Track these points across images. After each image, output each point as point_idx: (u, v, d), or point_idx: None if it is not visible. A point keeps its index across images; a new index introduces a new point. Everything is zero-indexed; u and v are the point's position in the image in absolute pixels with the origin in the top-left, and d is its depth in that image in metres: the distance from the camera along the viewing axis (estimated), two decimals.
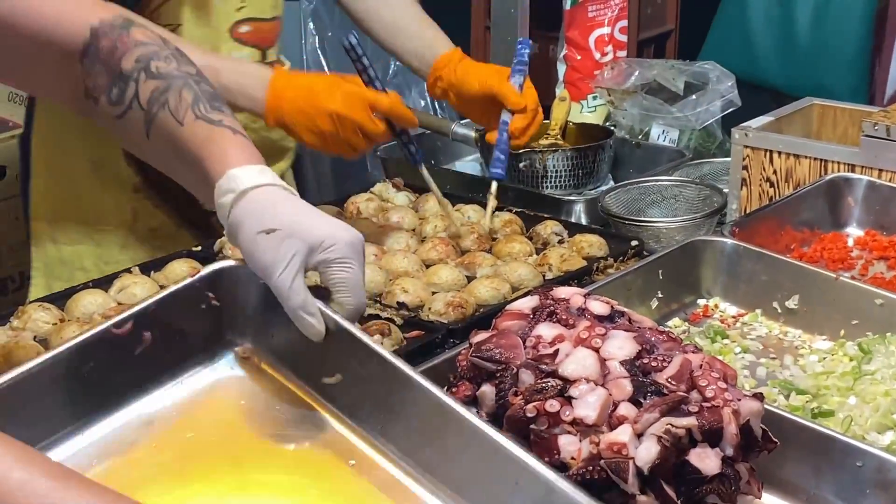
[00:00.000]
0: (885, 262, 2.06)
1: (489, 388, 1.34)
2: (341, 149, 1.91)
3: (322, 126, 1.87)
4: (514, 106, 2.10)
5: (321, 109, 1.86)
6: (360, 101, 1.86)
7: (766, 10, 3.69)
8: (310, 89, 1.88)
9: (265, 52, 2.15)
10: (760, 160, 2.28)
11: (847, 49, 3.54)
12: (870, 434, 1.51)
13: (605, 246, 2.05)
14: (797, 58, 3.64)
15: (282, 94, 1.89)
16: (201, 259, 1.98)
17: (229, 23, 2.09)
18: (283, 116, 1.89)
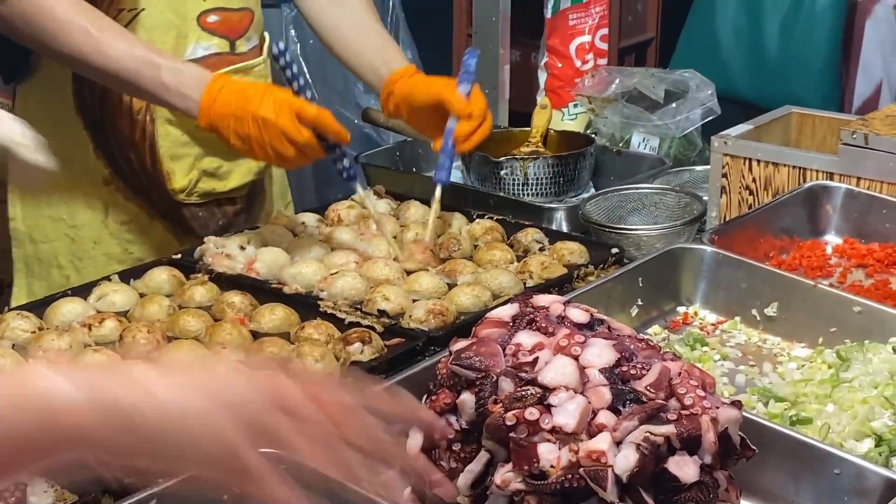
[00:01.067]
0: (864, 270, 2.08)
1: (469, 395, 1.34)
2: (266, 155, 1.90)
3: (248, 130, 1.87)
4: (459, 112, 2.09)
5: (248, 113, 1.86)
6: (288, 107, 1.86)
7: (733, 21, 3.70)
8: (243, 93, 1.88)
9: (234, 42, 2.14)
10: (740, 168, 2.29)
11: (816, 60, 3.56)
12: (848, 441, 1.52)
13: (585, 253, 2.05)
14: (766, 69, 3.65)
15: (216, 96, 1.89)
16: (181, 267, 1.98)
17: (197, 11, 2.09)
18: (214, 118, 1.89)
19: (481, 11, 3.04)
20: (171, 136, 2.13)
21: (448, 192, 2.44)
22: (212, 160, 2.18)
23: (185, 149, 2.15)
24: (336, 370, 1.66)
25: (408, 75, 2.18)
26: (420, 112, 2.16)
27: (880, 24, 3.55)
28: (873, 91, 3.59)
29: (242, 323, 1.79)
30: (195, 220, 2.20)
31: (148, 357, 1.69)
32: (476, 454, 1.33)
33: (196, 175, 2.17)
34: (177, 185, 2.16)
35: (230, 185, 2.22)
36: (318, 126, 1.87)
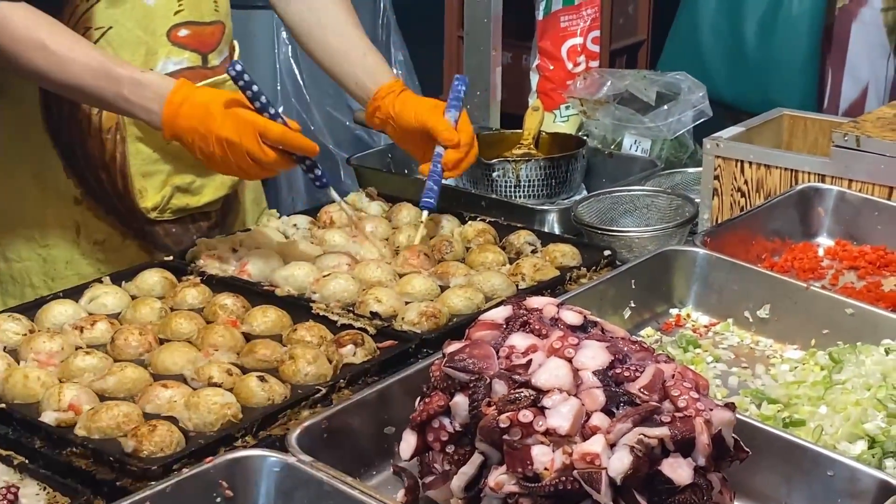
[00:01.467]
0: (855, 272, 2.08)
1: (462, 398, 1.34)
2: (231, 172, 1.89)
3: (212, 149, 1.83)
4: (447, 141, 2.09)
5: (212, 132, 1.82)
6: (251, 128, 1.81)
7: (713, 24, 3.71)
8: (205, 109, 1.84)
9: (206, 56, 2.12)
10: (732, 170, 2.29)
11: (794, 63, 3.57)
12: (841, 443, 1.52)
13: (577, 255, 2.05)
14: (745, 72, 3.66)
15: (178, 109, 1.84)
16: (173, 269, 1.98)
17: (167, 26, 2.06)
18: (178, 133, 1.86)
19: (473, 13, 3.03)
20: (142, 154, 2.11)
21: (441, 195, 2.44)
22: (184, 176, 2.15)
23: (156, 166, 2.12)
24: (328, 372, 1.66)
25: (395, 92, 2.17)
26: (406, 134, 2.16)
27: (866, 28, 3.57)
28: (860, 94, 3.61)
29: (234, 325, 1.78)
30: (169, 237, 2.17)
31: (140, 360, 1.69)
32: (470, 456, 1.33)
33: (169, 192, 2.14)
34: (149, 203, 2.14)
35: (204, 199, 2.19)
36: (282, 146, 1.84)
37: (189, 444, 1.49)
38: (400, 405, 1.52)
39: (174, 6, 2.06)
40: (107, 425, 1.51)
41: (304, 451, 1.41)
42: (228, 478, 1.38)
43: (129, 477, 1.44)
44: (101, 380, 1.62)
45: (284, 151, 1.85)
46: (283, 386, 1.62)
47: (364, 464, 1.52)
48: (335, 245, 2.09)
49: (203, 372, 1.63)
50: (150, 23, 2.04)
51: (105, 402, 1.56)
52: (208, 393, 1.56)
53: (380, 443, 1.53)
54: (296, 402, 1.59)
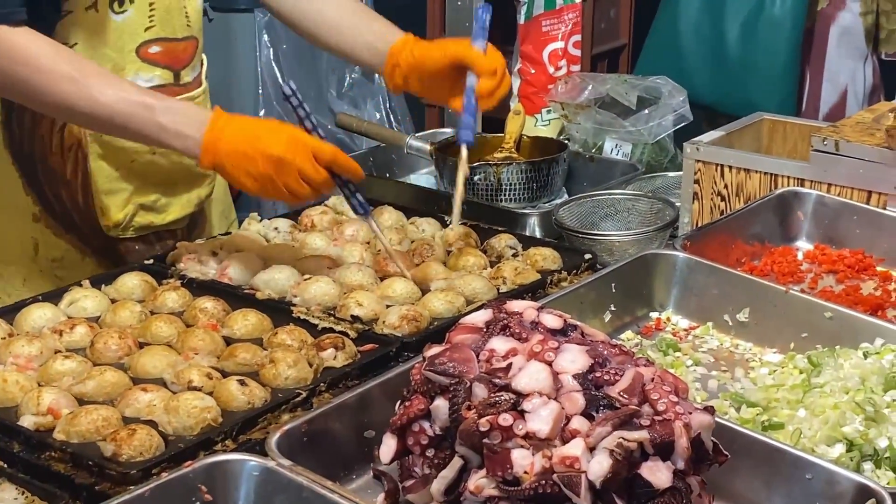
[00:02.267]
0: (834, 276, 2.09)
1: (442, 401, 1.34)
2: (280, 194, 1.82)
3: (262, 169, 1.79)
4: (482, 68, 1.99)
5: (262, 152, 1.79)
6: (304, 147, 1.80)
7: (696, 25, 3.72)
8: (252, 131, 1.81)
9: (178, 73, 2.10)
10: (712, 174, 2.30)
11: (775, 66, 3.59)
12: (819, 447, 1.53)
13: (558, 259, 2.06)
14: (726, 74, 3.68)
15: (220, 134, 1.81)
16: (153, 273, 1.97)
17: (136, 43, 2.03)
18: (220, 157, 1.81)
19: (454, 17, 3.04)
20: (105, 172, 2.08)
21: (420, 198, 2.45)
22: (149, 194, 2.13)
23: (119, 183, 2.10)
24: (309, 376, 1.66)
25: (412, 42, 2.11)
26: (433, 77, 2.07)
27: (845, 31, 3.60)
28: (839, 98, 3.63)
29: (215, 329, 1.78)
30: (131, 254, 2.15)
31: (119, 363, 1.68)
32: (450, 460, 1.33)
33: (132, 209, 2.12)
34: (111, 221, 2.11)
35: (169, 217, 2.17)
36: (334, 167, 1.82)
37: (168, 449, 1.49)
38: (380, 409, 1.52)
39: (144, 22, 2.03)
40: (86, 429, 1.51)
41: (284, 455, 1.41)
42: (208, 482, 1.38)
43: (108, 481, 1.43)
44: (81, 384, 1.61)
45: (330, 174, 1.83)
46: (264, 389, 1.62)
47: (344, 468, 1.52)
48: (316, 248, 2.08)
49: (183, 376, 1.63)
50: (117, 39, 2.01)
51: (84, 406, 1.55)
52: (188, 397, 1.55)
53: (360, 447, 1.53)
54: (276, 405, 1.58)
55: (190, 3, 2.10)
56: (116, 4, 2.00)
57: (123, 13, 2.00)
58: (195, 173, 2.16)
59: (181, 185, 2.18)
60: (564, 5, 3.13)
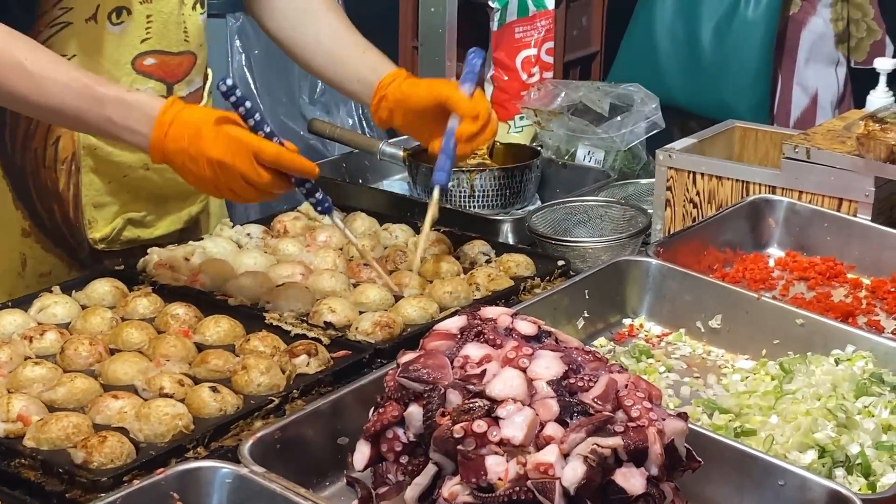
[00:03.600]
0: (805, 283, 2.10)
1: (416, 408, 1.34)
2: (225, 195, 1.77)
3: (205, 172, 1.72)
4: (465, 111, 1.94)
5: (203, 154, 1.71)
6: (244, 148, 1.71)
7: (671, 27, 3.73)
8: (195, 128, 1.72)
9: (171, 86, 2.07)
10: (684, 181, 2.31)
11: (748, 69, 3.62)
12: (791, 453, 1.53)
13: (532, 266, 2.06)
14: (699, 76, 3.70)
15: (167, 130, 1.73)
16: (124, 279, 1.96)
17: (132, 55, 2.01)
18: (168, 156, 1.75)
19: (427, 23, 3.04)
20: (95, 185, 2.07)
21: (393, 204, 2.44)
22: (138, 209, 2.11)
23: (108, 197, 2.08)
24: (281, 382, 1.65)
25: (401, 78, 2.06)
26: (417, 115, 2.02)
27: (816, 37, 3.63)
28: (809, 102, 3.67)
29: (186, 335, 1.77)
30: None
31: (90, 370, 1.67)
32: (424, 467, 1.33)
33: (120, 223, 2.11)
34: (97, 235, 2.10)
35: (156, 233, 2.15)
36: (278, 167, 1.73)
37: (140, 456, 1.48)
38: (354, 415, 1.52)
39: (141, 34, 2.02)
40: (56, 436, 1.49)
41: (257, 461, 1.40)
42: (180, 489, 1.37)
43: (78, 489, 1.42)
44: (51, 390, 1.60)
45: (281, 173, 1.75)
46: (236, 396, 1.61)
47: (317, 475, 1.52)
48: (289, 254, 2.08)
49: (154, 382, 1.62)
50: (113, 51, 2.00)
51: (54, 413, 1.54)
52: (159, 404, 1.54)
53: (333, 453, 1.53)
54: (248, 412, 1.58)
55: (190, 19, 2.08)
56: (114, 16, 1.99)
57: (121, 24, 1.99)
58: (187, 190, 2.12)
59: (172, 201, 2.17)
60: (537, 12, 3.14)
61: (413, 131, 2.08)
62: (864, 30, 3.62)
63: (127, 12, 1.99)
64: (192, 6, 2.08)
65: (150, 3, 2.01)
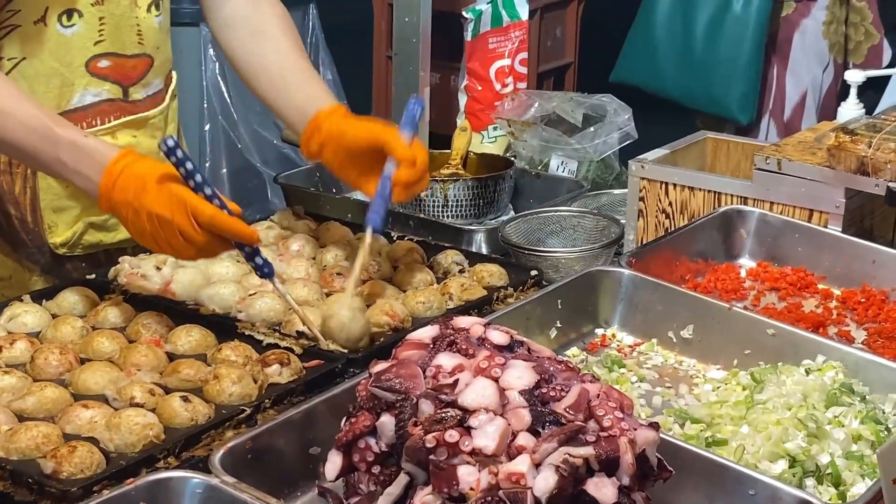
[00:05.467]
0: (777, 293, 2.11)
1: (388, 418, 1.34)
2: (165, 250, 1.76)
3: (146, 226, 1.73)
4: (402, 156, 1.90)
5: (144, 207, 1.72)
6: (183, 206, 1.71)
7: (668, 24, 3.82)
8: (141, 181, 1.73)
9: (127, 89, 2.06)
10: (656, 192, 2.32)
11: (738, 64, 3.70)
12: (762, 462, 1.54)
13: (505, 275, 2.06)
14: (692, 69, 3.78)
15: (115, 181, 1.74)
16: (95, 287, 1.95)
17: (85, 57, 2.00)
18: (113, 206, 1.76)
19: (402, 33, 3.04)
20: (53, 190, 2.05)
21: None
22: (99, 213, 2.08)
23: (68, 201, 2.06)
24: (253, 392, 1.64)
25: (339, 114, 2.03)
26: (349, 154, 1.99)
27: (808, 39, 3.71)
28: (799, 98, 3.75)
29: (158, 344, 1.76)
30: (78, 272, 2.10)
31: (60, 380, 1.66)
32: (395, 477, 1.33)
33: (81, 227, 2.09)
34: (58, 239, 2.08)
35: (119, 236, 2.12)
36: (214, 230, 1.72)
37: (110, 466, 1.47)
38: (326, 425, 1.51)
39: (94, 36, 2.00)
40: (25, 446, 1.48)
41: (228, 471, 1.40)
42: (150, 499, 1.36)
43: (48, 499, 1.41)
44: (20, 400, 1.59)
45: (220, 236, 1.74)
46: (207, 406, 1.60)
47: (289, 485, 1.51)
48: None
49: (125, 392, 1.61)
50: (66, 54, 1.98)
51: (24, 423, 1.53)
52: (130, 413, 1.53)
53: (305, 463, 1.52)
54: (220, 422, 1.57)
55: (144, 21, 2.07)
56: (65, 18, 1.97)
57: (72, 27, 1.98)
58: None
59: None
60: (511, 23, 3.15)
61: (342, 168, 2.02)
62: (862, 33, 3.71)
63: (78, 14, 1.98)
64: (146, 8, 2.07)
65: (101, 6, 2.00)
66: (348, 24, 4.72)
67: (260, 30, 2.15)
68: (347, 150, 1.98)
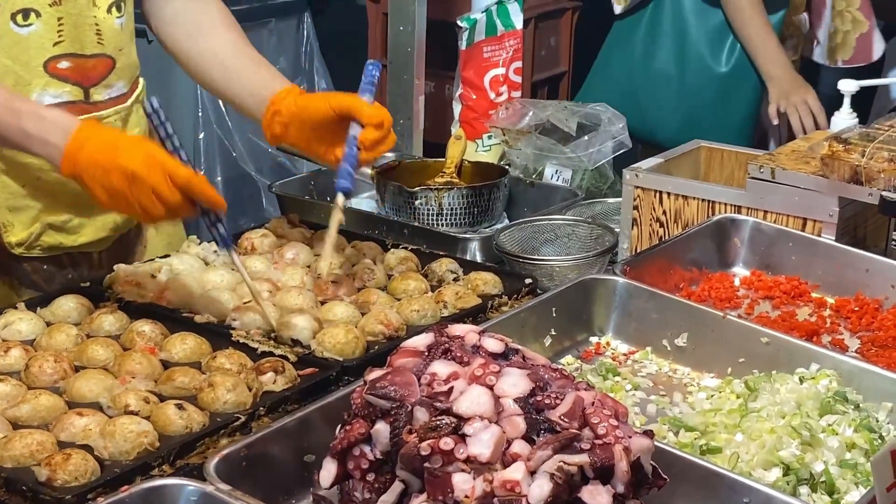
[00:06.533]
0: (770, 302, 2.12)
1: (383, 425, 1.34)
2: (132, 210, 1.79)
3: (116, 183, 1.75)
4: (368, 118, 1.95)
5: (118, 165, 1.75)
6: (160, 165, 1.75)
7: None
8: (113, 144, 1.77)
9: (88, 90, 2.05)
10: (650, 201, 2.32)
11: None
12: (756, 470, 1.54)
13: (499, 283, 2.06)
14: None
15: (83, 144, 1.78)
16: (90, 295, 1.95)
17: (44, 57, 1.99)
18: (78, 168, 1.78)
19: (396, 42, 3.05)
20: (10, 188, 2.03)
21: (363, 222, 2.44)
22: (59, 213, 2.08)
23: (25, 200, 2.05)
24: (248, 400, 1.64)
25: (295, 93, 2.07)
26: (314, 127, 2.02)
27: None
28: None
29: (152, 352, 1.76)
30: (38, 274, 2.10)
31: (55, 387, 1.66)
32: (390, 484, 1.33)
33: (38, 228, 2.07)
34: (14, 239, 2.06)
35: (81, 239, 2.12)
36: (188, 191, 1.76)
37: (104, 473, 1.47)
38: (320, 433, 1.51)
39: (53, 37, 1.99)
40: (20, 454, 1.48)
41: (223, 479, 1.40)
42: None
43: None
44: (15, 407, 1.59)
45: (190, 200, 1.78)
46: (202, 414, 1.60)
47: (284, 492, 1.51)
48: (256, 272, 2.07)
49: (119, 400, 1.61)
50: (21, 53, 1.97)
51: (18, 431, 1.53)
52: (124, 421, 1.53)
53: (300, 471, 1.52)
54: (214, 430, 1.57)
55: (104, 21, 2.05)
56: (20, 17, 1.96)
57: (29, 27, 1.97)
58: None
59: (96, 206, 2.14)
60: (505, 32, 3.15)
61: (307, 145, 2.06)
62: (849, 21, 3.52)
63: (36, 14, 1.97)
64: (105, 9, 2.05)
65: (59, 6, 1.99)
66: (343, 33, 4.72)
67: (205, 24, 2.18)
68: (311, 124, 2.02)
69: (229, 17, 2.22)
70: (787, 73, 3.32)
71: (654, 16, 3.47)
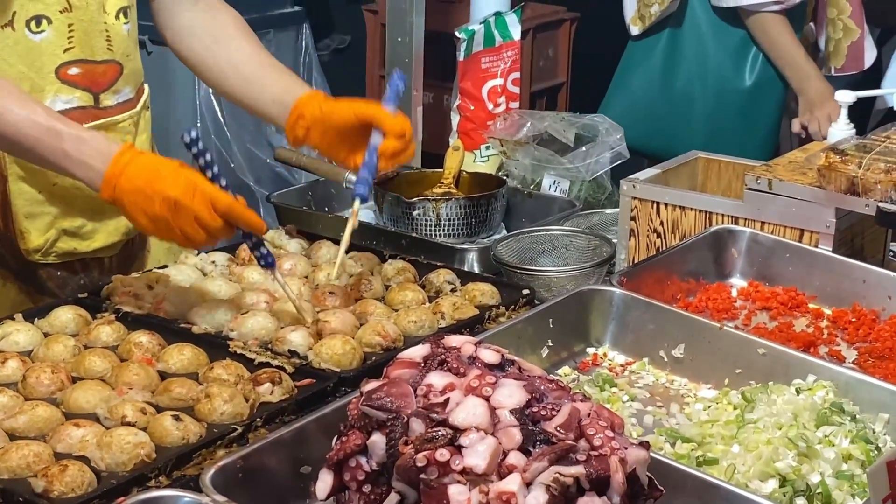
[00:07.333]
0: (768, 313, 2.12)
1: (379, 437, 1.34)
2: (174, 237, 1.81)
3: (158, 210, 1.78)
4: (391, 128, 1.98)
5: (160, 193, 1.77)
6: (201, 193, 1.78)
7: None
8: (154, 170, 1.80)
9: (97, 95, 2.07)
10: (648, 211, 2.32)
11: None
12: (753, 482, 1.54)
13: (496, 294, 2.06)
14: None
15: (123, 169, 1.80)
16: (87, 306, 1.95)
17: (55, 64, 2.01)
18: (119, 193, 1.80)
19: (394, 53, 3.05)
20: (26, 194, 2.05)
21: (360, 232, 2.44)
22: (73, 219, 2.09)
23: (41, 207, 2.07)
24: (245, 411, 1.64)
25: (320, 97, 2.09)
26: (337, 133, 2.05)
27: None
28: None
29: (149, 363, 1.76)
30: (53, 280, 2.11)
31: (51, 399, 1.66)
32: (386, 496, 1.33)
33: (54, 234, 2.09)
34: (31, 245, 2.07)
35: (94, 244, 2.14)
36: (229, 217, 1.80)
37: (101, 485, 1.47)
38: (317, 444, 1.51)
39: (63, 43, 2.01)
40: (16, 465, 1.48)
41: (219, 491, 1.40)
42: None
43: None
44: (12, 418, 1.59)
45: (230, 224, 1.81)
46: (199, 425, 1.60)
47: (280, 503, 1.51)
48: (254, 282, 2.07)
49: (116, 411, 1.61)
50: (35, 59, 1.99)
51: (15, 442, 1.53)
52: (121, 432, 1.53)
53: (296, 482, 1.52)
54: (211, 441, 1.57)
55: (113, 28, 2.07)
56: (34, 24, 1.98)
57: (41, 33, 1.99)
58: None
59: (109, 211, 2.14)
60: (503, 43, 3.16)
61: (329, 148, 2.09)
62: (840, 29, 3.51)
63: (47, 21, 1.99)
64: (114, 15, 2.07)
65: (70, 13, 2.00)
66: (341, 44, 4.74)
67: (221, 34, 2.20)
68: (334, 129, 2.05)
69: (243, 24, 2.23)
70: (815, 84, 3.34)
71: (671, 39, 3.48)
